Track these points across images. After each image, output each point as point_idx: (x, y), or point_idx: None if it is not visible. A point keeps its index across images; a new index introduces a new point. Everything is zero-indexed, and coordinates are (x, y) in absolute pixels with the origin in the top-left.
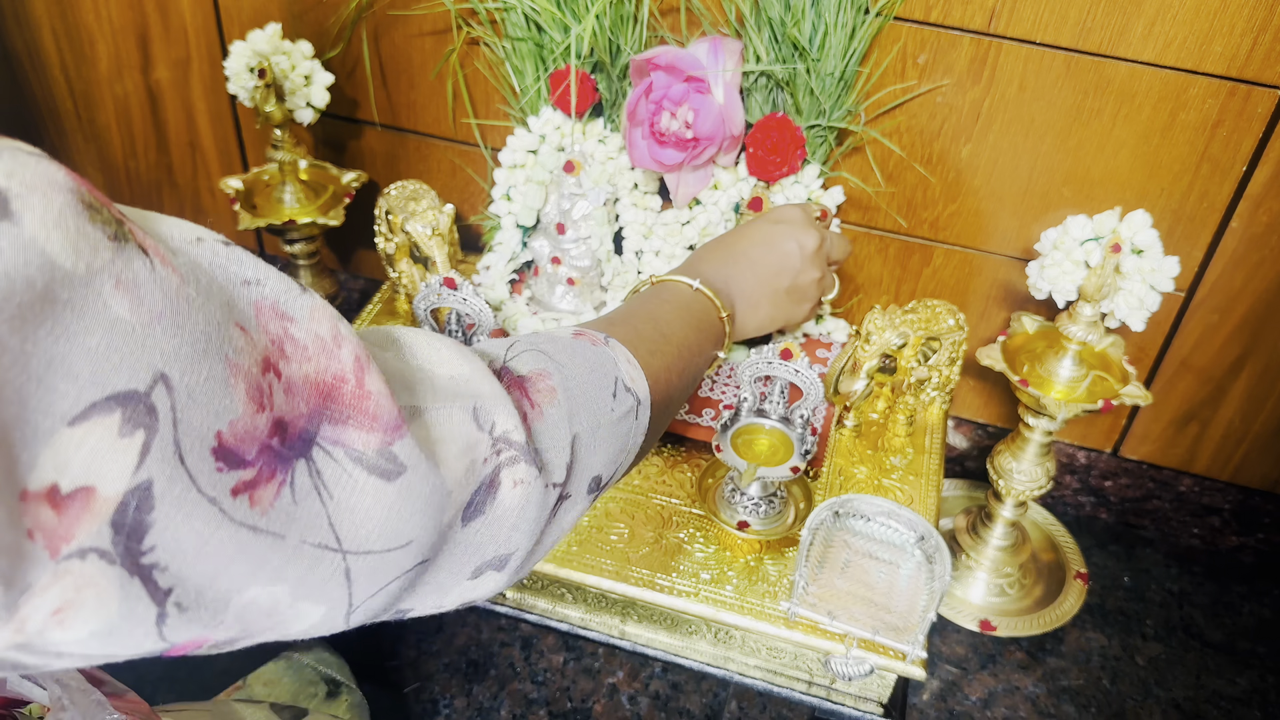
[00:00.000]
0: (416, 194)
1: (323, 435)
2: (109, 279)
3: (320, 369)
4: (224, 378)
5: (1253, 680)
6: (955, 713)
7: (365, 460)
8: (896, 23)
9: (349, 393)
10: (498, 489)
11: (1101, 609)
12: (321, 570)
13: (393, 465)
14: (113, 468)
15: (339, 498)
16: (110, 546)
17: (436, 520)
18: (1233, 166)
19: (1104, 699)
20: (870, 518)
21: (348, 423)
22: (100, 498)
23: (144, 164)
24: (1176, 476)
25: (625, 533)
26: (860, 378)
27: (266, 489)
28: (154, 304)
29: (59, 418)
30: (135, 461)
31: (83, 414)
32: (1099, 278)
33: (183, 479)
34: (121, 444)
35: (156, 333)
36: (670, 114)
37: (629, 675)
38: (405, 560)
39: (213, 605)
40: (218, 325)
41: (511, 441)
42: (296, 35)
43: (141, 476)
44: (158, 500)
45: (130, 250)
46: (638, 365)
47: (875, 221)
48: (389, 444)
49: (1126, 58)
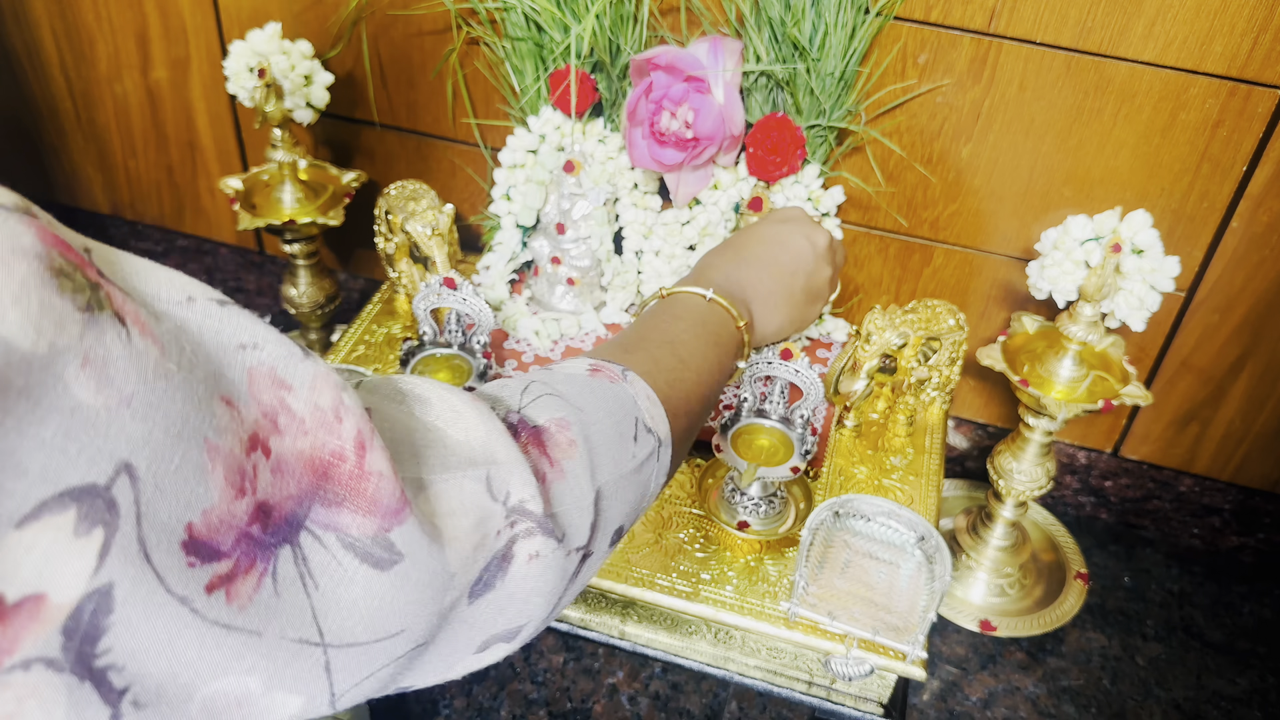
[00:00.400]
0: (416, 194)
1: (313, 518)
2: (74, 358)
3: (317, 444)
4: (199, 463)
5: (1253, 680)
6: (955, 713)
7: (358, 547)
8: (896, 22)
9: (347, 472)
10: (510, 563)
11: (1102, 609)
12: (299, 664)
13: (388, 554)
14: (66, 572)
15: (325, 588)
16: (59, 654)
17: (435, 606)
18: (1233, 166)
19: (1104, 699)
20: (870, 518)
21: (343, 505)
22: (51, 605)
23: (143, 163)
24: (1177, 476)
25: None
26: (860, 378)
27: (245, 581)
28: (124, 384)
29: (4, 520)
30: (93, 564)
31: (32, 514)
32: (1099, 278)
33: (148, 579)
34: (77, 545)
35: (124, 417)
36: (670, 114)
37: (629, 675)
38: (396, 648)
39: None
40: (198, 403)
41: (528, 512)
42: (296, 35)
43: (101, 580)
44: (118, 604)
45: (104, 321)
46: (658, 401)
47: (875, 221)
48: (386, 530)
49: (1127, 58)
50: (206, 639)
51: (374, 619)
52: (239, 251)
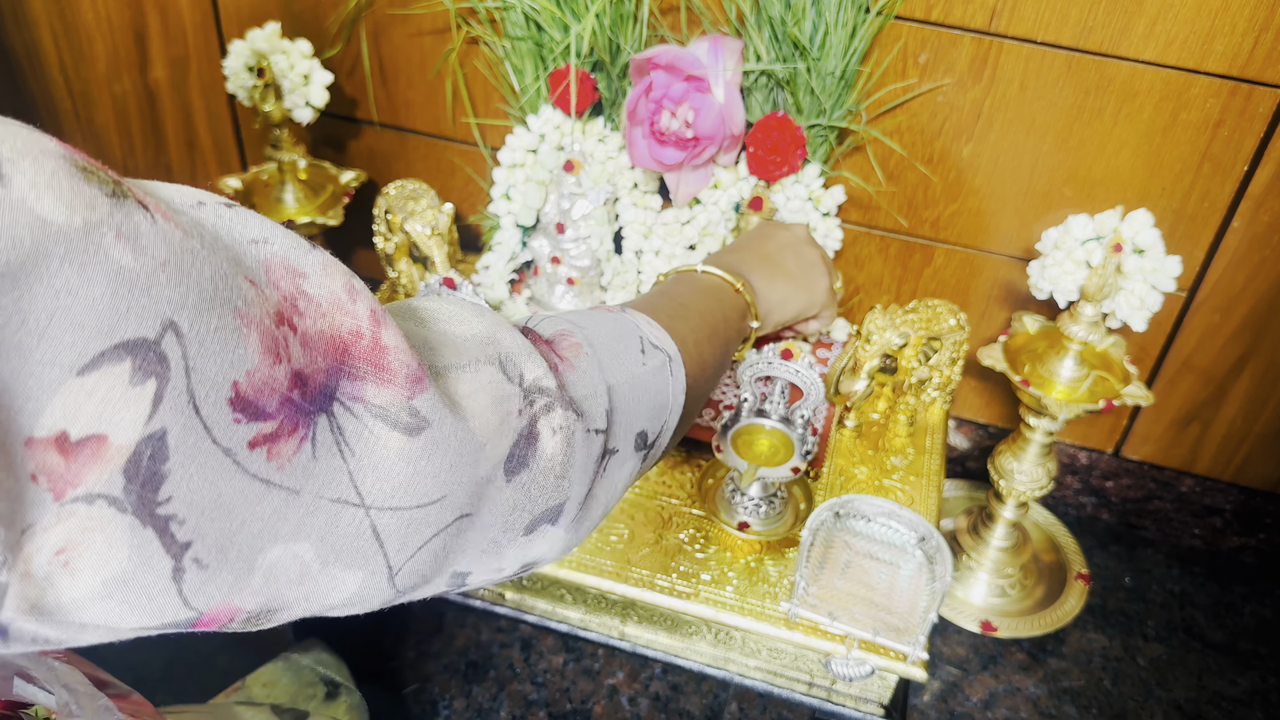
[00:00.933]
0: (416, 193)
1: (342, 391)
2: (109, 231)
3: (335, 324)
4: (235, 327)
5: (1254, 681)
6: (956, 714)
7: (387, 416)
8: (897, 22)
9: (365, 348)
10: (538, 439)
11: (1103, 610)
12: (343, 526)
13: (415, 420)
14: (124, 416)
15: (360, 454)
16: (121, 494)
17: (470, 473)
18: (1234, 166)
19: (1105, 700)
20: (871, 518)
21: (366, 378)
22: (112, 446)
23: (142, 163)
24: (1178, 477)
25: (625, 533)
26: (861, 378)
27: (287, 443)
28: (157, 253)
29: (66, 368)
30: (148, 410)
31: (91, 363)
32: (1100, 277)
33: (197, 428)
34: (133, 392)
35: (161, 280)
36: (670, 113)
37: (629, 676)
38: (441, 516)
39: (235, 564)
40: (225, 276)
41: (544, 389)
42: (295, 34)
43: (155, 425)
44: (172, 450)
45: (129, 205)
46: (659, 326)
47: (876, 221)
48: (410, 398)
49: (1128, 57)
50: (247, 492)
51: (411, 483)
52: None
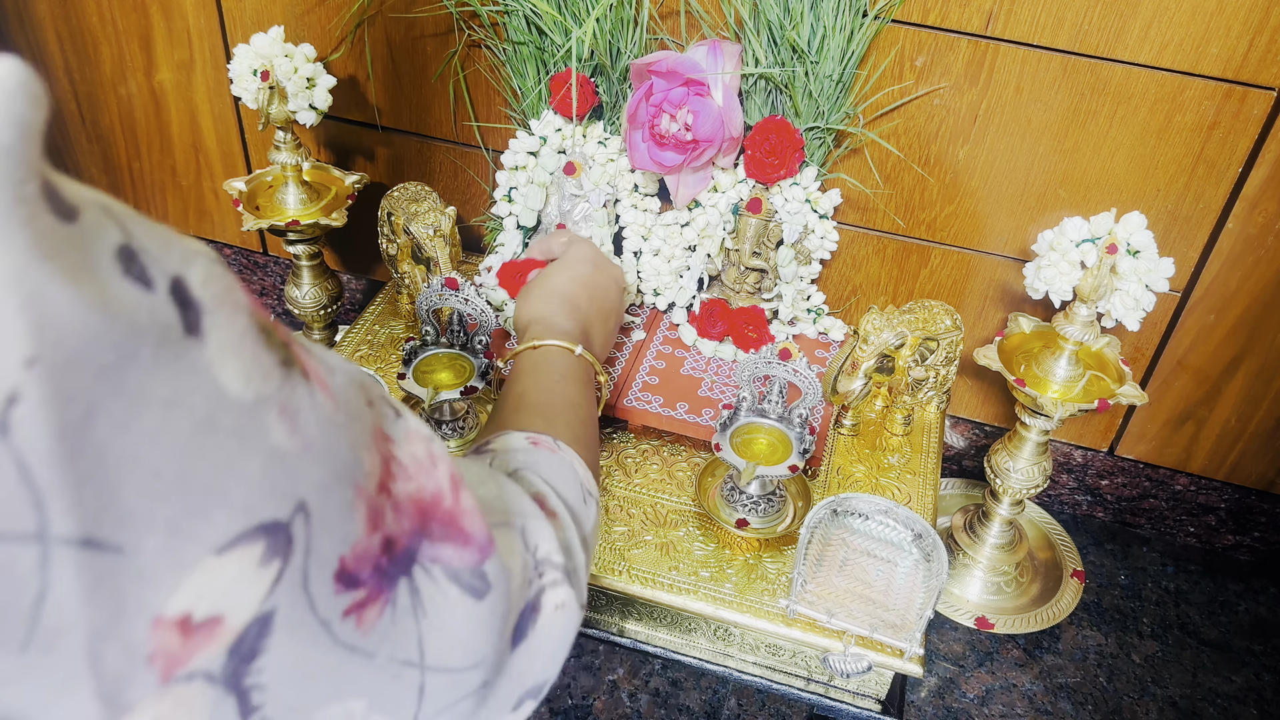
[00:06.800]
0: (419, 196)
1: (423, 553)
2: (274, 407)
3: (421, 487)
4: (352, 502)
5: (1248, 678)
6: (953, 709)
7: (460, 579)
8: (894, 25)
9: (446, 510)
10: (539, 613)
11: (1098, 607)
12: (399, 684)
13: (482, 583)
14: (245, 598)
15: (432, 615)
16: (219, 671)
17: (500, 640)
18: (1228, 168)
19: (1100, 696)
20: (868, 516)
21: (445, 540)
22: (226, 627)
23: (147, 165)
24: (1173, 475)
25: (625, 530)
26: (858, 377)
27: (373, 608)
28: (308, 431)
29: (207, 546)
30: (266, 591)
31: (230, 543)
32: (1095, 278)
33: (302, 604)
34: (259, 574)
35: (306, 461)
36: (670, 116)
37: (629, 672)
38: (474, 679)
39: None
40: (354, 450)
41: (554, 564)
42: (299, 38)
43: (268, 605)
44: (276, 627)
45: (295, 376)
46: (585, 466)
47: (873, 222)
48: (480, 562)
49: (1123, 60)
50: (332, 659)
51: (467, 645)
52: (243, 252)
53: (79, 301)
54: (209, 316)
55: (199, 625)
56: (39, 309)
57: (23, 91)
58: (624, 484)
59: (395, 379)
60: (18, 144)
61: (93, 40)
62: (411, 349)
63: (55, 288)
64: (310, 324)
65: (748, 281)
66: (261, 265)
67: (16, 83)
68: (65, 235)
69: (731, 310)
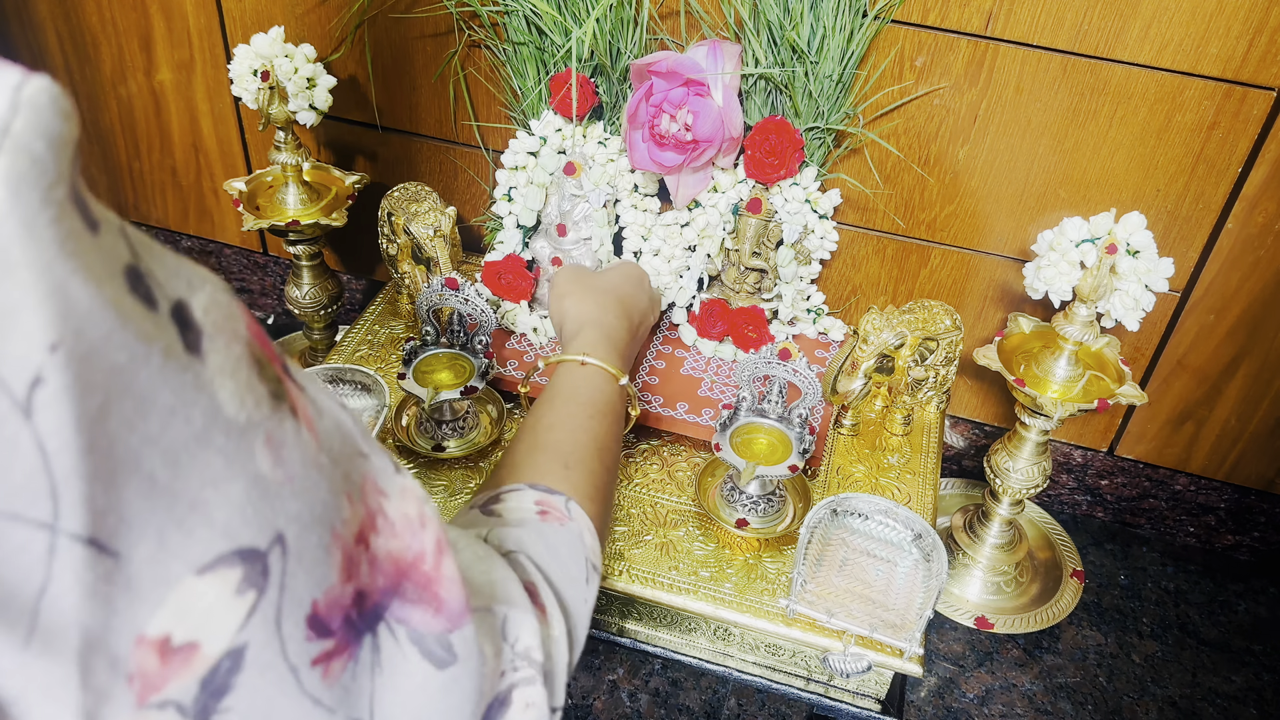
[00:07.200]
0: (419, 196)
1: (391, 612)
2: (261, 435)
3: (404, 546)
4: (328, 546)
5: (1248, 678)
6: (952, 709)
7: (424, 644)
8: (894, 26)
9: (424, 573)
10: (508, 708)
11: (1098, 607)
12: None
13: (447, 654)
14: (220, 626)
15: (388, 674)
16: (190, 703)
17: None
18: (1228, 168)
19: (1100, 696)
20: (868, 516)
21: (418, 603)
22: (201, 655)
23: (147, 165)
24: (1172, 475)
25: (625, 530)
26: (858, 377)
27: (339, 661)
28: (291, 466)
29: (189, 564)
30: (241, 621)
31: (210, 564)
32: (1095, 278)
33: (274, 645)
34: (235, 602)
35: (286, 494)
36: (670, 116)
37: (629, 672)
38: None
39: None
40: (334, 494)
41: (532, 660)
42: (299, 38)
43: (241, 638)
44: (247, 664)
45: (284, 410)
46: (595, 533)
47: (873, 222)
48: (449, 631)
49: (1123, 60)
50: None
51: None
52: (243, 252)
53: (99, 299)
54: (208, 340)
55: (176, 650)
56: (63, 299)
57: (53, 107)
58: (624, 484)
59: (395, 379)
60: (46, 153)
61: (93, 40)
62: (411, 349)
63: (78, 283)
64: (310, 324)
65: (748, 281)
66: (261, 265)
67: (48, 99)
68: (89, 241)
69: (731, 310)
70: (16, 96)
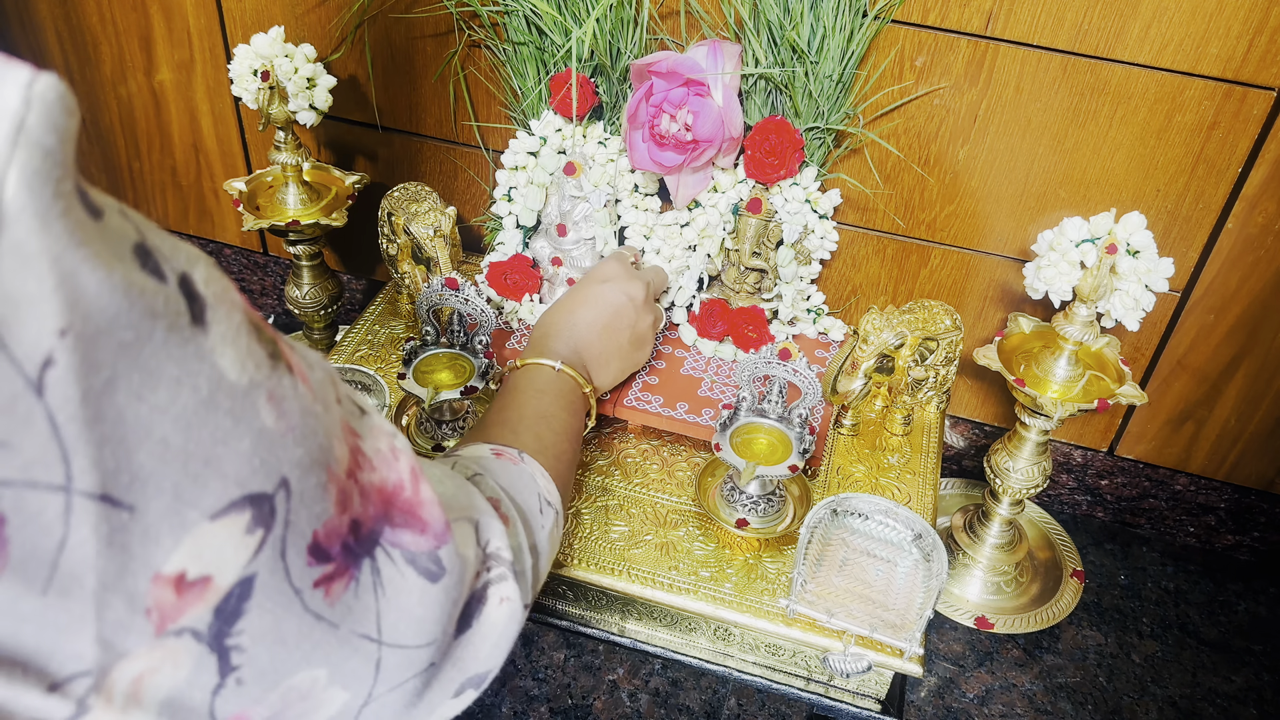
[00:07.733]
0: (419, 196)
1: (385, 537)
2: (263, 393)
3: (383, 478)
4: (325, 484)
5: (1248, 678)
6: (952, 709)
7: (417, 562)
8: (894, 26)
9: (406, 499)
10: (484, 604)
11: (1098, 607)
12: (359, 658)
13: (438, 568)
14: (232, 560)
15: (390, 594)
16: (205, 629)
17: (450, 623)
18: (1228, 168)
19: (1100, 696)
20: (868, 516)
21: (405, 527)
22: (214, 587)
23: (147, 165)
24: (1172, 475)
25: (625, 530)
26: (858, 377)
27: (340, 582)
28: (292, 417)
29: (203, 511)
30: (250, 555)
31: (223, 510)
32: (1095, 278)
33: (280, 572)
34: (245, 540)
35: (289, 442)
36: (670, 116)
37: (629, 672)
38: (424, 658)
39: (265, 683)
40: (328, 438)
41: (502, 559)
42: (299, 38)
43: (250, 569)
44: (256, 591)
45: (281, 368)
46: (549, 477)
47: (873, 222)
48: (436, 548)
49: (1123, 60)
50: (303, 625)
51: (420, 624)
52: (243, 252)
53: (106, 284)
54: (211, 310)
55: (192, 583)
56: (72, 287)
57: (61, 103)
58: (624, 484)
59: (395, 379)
60: (57, 147)
61: (93, 40)
62: (411, 349)
63: (86, 270)
64: (310, 324)
65: (748, 281)
66: (262, 265)
67: (56, 95)
68: (94, 229)
69: (731, 310)
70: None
